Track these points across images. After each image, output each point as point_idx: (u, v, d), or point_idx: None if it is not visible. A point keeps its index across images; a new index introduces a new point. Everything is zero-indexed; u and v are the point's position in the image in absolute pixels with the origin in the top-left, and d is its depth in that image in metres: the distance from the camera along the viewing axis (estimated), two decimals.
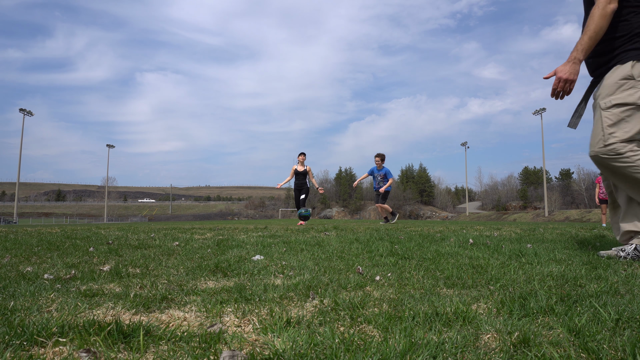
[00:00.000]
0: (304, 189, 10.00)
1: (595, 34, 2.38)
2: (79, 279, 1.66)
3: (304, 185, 10.01)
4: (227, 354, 0.81)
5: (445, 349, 0.86)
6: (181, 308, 1.22)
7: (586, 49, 2.39)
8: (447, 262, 2.09)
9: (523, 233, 4.59)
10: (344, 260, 2.20)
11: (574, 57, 2.41)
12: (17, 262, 2.18)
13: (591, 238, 3.80)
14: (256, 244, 3.11)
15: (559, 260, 2.16)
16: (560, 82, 2.41)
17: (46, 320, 1.01)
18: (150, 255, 2.49)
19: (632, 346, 0.84)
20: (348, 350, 0.84)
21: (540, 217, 52.26)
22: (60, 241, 3.44)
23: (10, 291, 1.41)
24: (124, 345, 0.90)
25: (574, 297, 1.29)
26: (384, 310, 1.15)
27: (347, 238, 3.66)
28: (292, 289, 1.45)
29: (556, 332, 0.98)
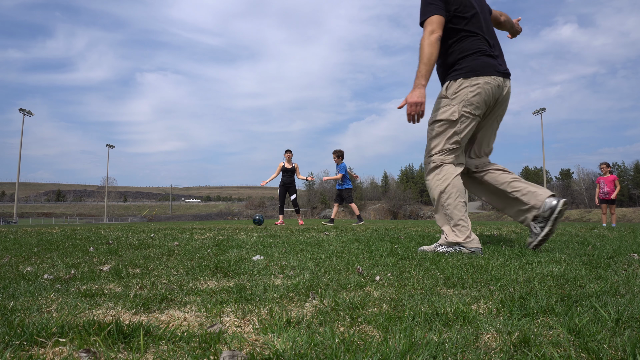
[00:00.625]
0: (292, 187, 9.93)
1: (427, 61, 2.64)
2: (79, 279, 1.66)
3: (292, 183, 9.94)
4: (227, 354, 0.81)
5: (445, 349, 0.86)
6: (181, 308, 1.22)
7: (424, 75, 2.65)
8: (447, 262, 2.09)
9: (523, 233, 4.59)
10: (344, 260, 2.20)
11: (417, 84, 2.65)
12: (16, 262, 2.18)
13: (591, 238, 3.80)
14: (256, 244, 3.11)
15: (559, 260, 2.16)
16: (412, 106, 2.64)
17: (46, 321, 1.01)
18: (150, 255, 2.49)
19: (632, 346, 0.84)
20: (348, 350, 0.84)
21: None
22: (60, 241, 3.44)
23: (10, 291, 1.41)
24: (124, 345, 0.90)
25: (574, 297, 1.29)
26: (384, 310, 1.15)
27: (347, 238, 3.66)
28: (292, 289, 1.45)
29: (556, 332, 0.98)
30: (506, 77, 2.77)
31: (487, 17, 2.89)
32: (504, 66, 2.81)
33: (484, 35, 2.76)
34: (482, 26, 2.78)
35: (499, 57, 2.80)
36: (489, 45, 2.76)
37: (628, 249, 2.71)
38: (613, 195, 9.71)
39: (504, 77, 2.74)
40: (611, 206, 9.77)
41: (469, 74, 2.67)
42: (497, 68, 2.71)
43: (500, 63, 2.77)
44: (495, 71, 2.69)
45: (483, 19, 2.80)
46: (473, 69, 2.67)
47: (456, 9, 2.72)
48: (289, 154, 9.90)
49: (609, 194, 9.74)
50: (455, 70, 2.72)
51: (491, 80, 2.66)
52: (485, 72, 2.66)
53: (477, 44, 2.73)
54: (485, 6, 2.93)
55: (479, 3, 2.86)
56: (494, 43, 2.83)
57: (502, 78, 2.73)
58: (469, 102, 2.64)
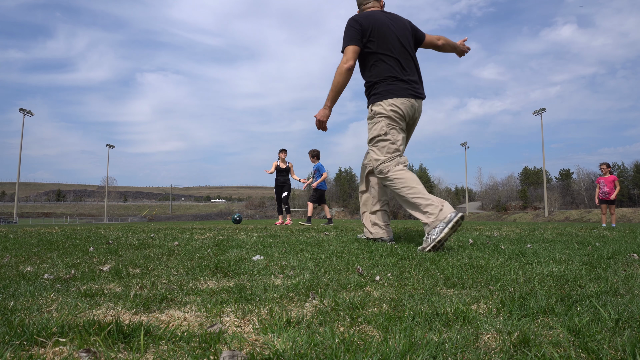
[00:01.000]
0: (286, 185, 9.96)
1: (336, 88, 3.10)
2: (79, 279, 1.66)
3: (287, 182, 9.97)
4: (227, 354, 0.81)
5: (445, 349, 0.86)
6: (181, 308, 1.22)
7: (332, 99, 3.14)
8: (447, 262, 2.09)
9: (523, 233, 4.59)
10: (344, 260, 2.20)
11: (325, 105, 3.17)
12: (17, 262, 2.18)
13: (591, 238, 3.80)
14: (256, 244, 3.11)
15: (559, 260, 2.16)
16: (317, 121, 3.19)
17: (46, 320, 1.01)
18: (150, 255, 2.49)
19: (632, 346, 0.84)
20: (348, 350, 0.84)
21: (540, 217, 52.24)
22: (60, 241, 3.44)
23: (10, 291, 1.41)
24: (124, 345, 0.90)
25: (574, 297, 1.29)
26: (384, 310, 1.15)
27: (347, 238, 3.66)
28: (292, 289, 1.45)
29: (556, 332, 0.98)
30: (417, 98, 3.15)
31: (407, 42, 3.20)
32: (417, 89, 3.17)
33: (398, 60, 3.10)
34: (397, 52, 3.11)
35: (412, 81, 3.14)
36: (402, 70, 3.11)
37: (628, 249, 2.71)
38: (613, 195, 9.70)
39: (416, 98, 3.12)
40: (611, 206, 9.76)
41: (385, 96, 3.06)
42: (409, 91, 3.09)
43: (412, 86, 3.12)
44: (408, 94, 3.08)
45: (400, 46, 3.14)
46: (389, 92, 3.06)
47: (372, 36, 3.06)
48: (283, 153, 9.85)
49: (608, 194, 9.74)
50: (374, 95, 3.12)
51: (405, 101, 3.05)
52: (400, 94, 3.05)
53: (389, 68, 3.08)
54: (404, 31, 3.24)
55: (398, 30, 3.18)
56: (409, 67, 3.17)
57: (414, 99, 3.11)
58: (391, 118, 3.05)
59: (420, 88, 3.20)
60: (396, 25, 3.18)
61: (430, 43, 3.48)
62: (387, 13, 3.27)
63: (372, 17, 3.12)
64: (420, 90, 3.19)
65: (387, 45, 3.08)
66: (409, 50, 3.19)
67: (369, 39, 3.05)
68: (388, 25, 3.13)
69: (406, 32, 3.22)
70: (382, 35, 3.07)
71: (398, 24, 3.21)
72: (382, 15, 3.20)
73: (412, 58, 3.23)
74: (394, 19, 3.23)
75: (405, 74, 3.10)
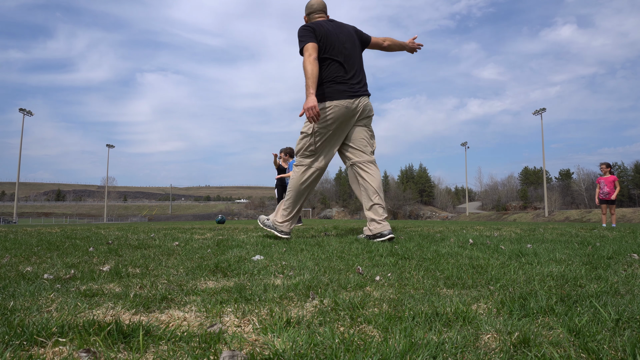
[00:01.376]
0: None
1: (311, 75, 3.29)
2: (79, 279, 1.66)
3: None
4: (227, 354, 0.81)
5: (445, 349, 0.86)
6: (181, 308, 1.22)
7: (311, 86, 3.28)
8: (447, 262, 2.09)
9: (523, 233, 4.59)
10: (344, 260, 2.20)
11: (308, 94, 3.28)
12: (16, 262, 2.18)
13: (591, 238, 3.80)
14: (256, 244, 3.11)
15: (559, 260, 2.16)
16: (308, 110, 3.23)
17: (46, 320, 1.01)
18: (150, 255, 2.49)
19: (632, 346, 0.84)
20: (348, 350, 0.84)
21: (540, 217, 52.24)
22: (60, 241, 3.44)
23: (10, 291, 1.41)
24: (124, 345, 0.90)
25: (574, 298, 1.29)
26: (384, 311, 1.15)
27: (347, 238, 3.66)
28: (292, 289, 1.45)
29: (556, 332, 0.98)
30: (358, 97, 3.47)
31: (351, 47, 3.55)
32: (357, 88, 3.49)
33: (342, 64, 3.45)
34: (341, 54, 3.45)
35: (353, 82, 3.47)
36: (344, 72, 3.44)
37: (628, 249, 2.71)
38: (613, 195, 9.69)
39: (355, 97, 3.45)
40: (611, 206, 9.75)
41: (324, 98, 3.39)
42: (347, 92, 3.42)
43: (352, 87, 3.46)
44: (345, 95, 3.41)
45: (344, 50, 3.48)
46: (326, 95, 3.39)
47: (322, 42, 3.41)
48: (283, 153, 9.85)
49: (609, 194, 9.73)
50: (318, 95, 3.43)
51: (339, 103, 3.39)
52: (336, 97, 3.39)
53: (332, 73, 3.42)
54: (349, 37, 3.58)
55: (343, 37, 3.53)
56: (353, 69, 3.50)
57: (352, 99, 3.44)
58: (322, 120, 3.38)
59: (362, 88, 3.54)
60: (342, 32, 3.55)
61: (376, 44, 3.82)
62: (333, 22, 3.64)
63: (321, 25, 3.49)
64: (361, 90, 3.52)
65: (333, 50, 3.44)
66: (353, 53, 3.55)
67: (319, 43, 3.41)
68: (334, 32, 3.51)
69: (351, 38, 3.58)
70: (329, 42, 3.43)
71: (343, 30, 3.58)
72: (329, 23, 3.57)
73: (358, 60, 3.59)
74: (339, 26, 3.60)
75: (348, 76, 3.46)
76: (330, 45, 3.42)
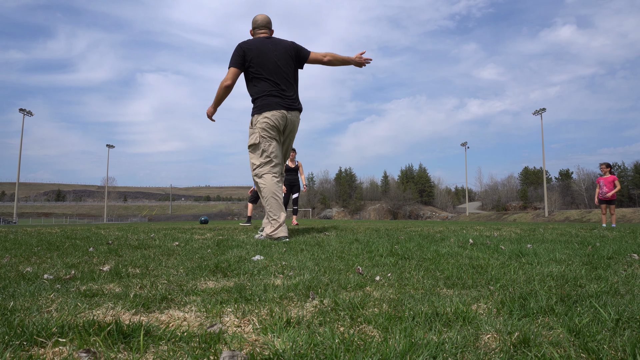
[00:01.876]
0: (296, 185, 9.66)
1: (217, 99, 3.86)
2: (79, 279, 1.66)
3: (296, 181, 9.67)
4: (227, 354, 0.81)
5: (445, 349, 0.86)
6: (181, 308, 1.22)
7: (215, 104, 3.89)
8: (447, 262, 2.09)
9: (523, 233, 4.59)
10: (344, 260, 2.20)
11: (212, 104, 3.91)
12: (16, 262, 2.18)
13: (591, 238, 3.80)
14: (256, 244, 3.11)
15: (559, 261, 2.16)
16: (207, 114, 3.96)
17: (46, 321, 1.01)
18: (150, 255, 2.49)
19: (632, 346, 0.84)
20: (348, 350, 0.84)
21: (540, 217, 52.25)
22: (60, 241, 3.44)
23: (10, 291, 1.41)
24: (124, 346, 0.90)
25: (574, 298, 1.29)
26: (384, 311, 1.15)
27: (347, 238, 3.66)
28: (292, 289, 1.45)
29: (556, 332, 0.98)
30: (290, 110, 3.79)
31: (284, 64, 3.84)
32: (290, 102, 3.81)
33: (274, 79, 3.77)
34: (272, 72, 3.77)
35: (286, 96, 3.80)
36: (277, 86, 3.76)
37: (628, 249, 2.71)
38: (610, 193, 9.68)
39: (287, 110, 3.77)
40: (611, 206, 9.75)
41: (261, 110, 3.74)
42: (280, 104, 3.74)
43: (285, 100, 3.78)
44: (279, 106, 3.73)
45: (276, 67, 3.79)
46: (263, 106, 3.73)
47: (252, 61, 3.74)
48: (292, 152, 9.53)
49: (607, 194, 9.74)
50: (254, 108, 3.81)
51: (275, 113, 3.72)
52: (271, 108, 3.71)
53: (266, 87, 3.75)
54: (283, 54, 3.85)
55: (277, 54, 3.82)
56: (285, 84, 3.81)
57: (286, 111, 3.76)
58: (264, 129, 3.71)
59: (294, 102, 3.85)
60: (276, 50, 3.83)
61: (316, 60, 4.03)
62: (272, 39, 3.92)
63: (254, 44, 3.81)
64: (294, 104, 3.84)
65: (265, 67, 3.76)
66: (285, 70, 3.83)
67: (250, 63, 3.75)
68: (268, 50, 3.81)
69: (285, 55, 3.86)
70: (261, 59, 3.76)
71: (278, 48, 3.86)
72: (265, 41, 3.86)
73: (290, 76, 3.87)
74: (276, 43, 3.88)
75: (280, 90, 3.77)
76: (261, 64, 3.76)
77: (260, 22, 4.00)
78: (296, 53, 3.92)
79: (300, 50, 3.95)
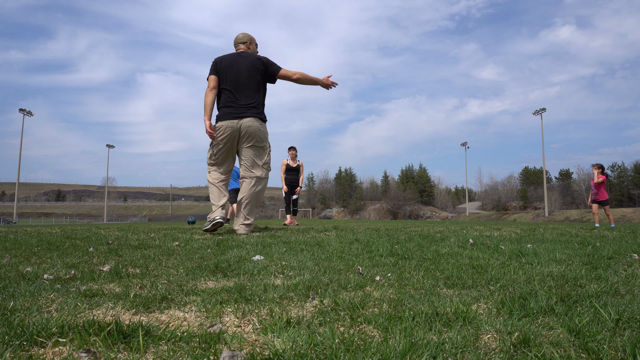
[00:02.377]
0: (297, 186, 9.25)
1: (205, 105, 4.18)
2: (79, 279, 1.66)
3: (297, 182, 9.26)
4: (227, 354, 0.81)
5: (445, 349, 0.86)
6: (181, 308, 1.22)
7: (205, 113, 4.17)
8: (447, 262, 2.09)
9: (523, 233, 4.59)
10: (344, 260, 2.20)
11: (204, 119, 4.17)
12: (16, 262, 2.18)
13: (591, 238, 3.80)
14: (256, 244, 3.11)
15: (559, 260, 2.16)
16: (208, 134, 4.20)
17: (46, 321, 1.01)
18: (150, 255, 2.49)
19: (632, 346, 0.84)
20: (348, 350, 0.84)
21: (540, 217, 52.24)
22: (60, 241, 3.44)
23: (10, 291, 1.41)
24: (124, 346, 0.90)
25: (574, 298, 1.29)
26: (384, 311, 1.15)
27: (347, 238, 3.66)
28: (292, 289, 1.45)
29: (556, 332, 0.98)
30: (241, 118, 4.15)
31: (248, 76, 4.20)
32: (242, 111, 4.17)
33: (232, 90, 4.18)
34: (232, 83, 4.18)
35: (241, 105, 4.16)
36: (232, 97, 4.17)
37: (628, 249, 2.71)
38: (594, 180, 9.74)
39: (238, 118, 4.14)
40: (605, 207, 9.76)
41: (217, 120, 4.23)
42: (231, 114, 4.15)
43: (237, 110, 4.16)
44: (230, 116, 4.15)
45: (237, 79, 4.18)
46: (219, 117, 4.23)
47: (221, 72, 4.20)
48: (293, 151, 9.19)
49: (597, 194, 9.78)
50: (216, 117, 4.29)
51: (226, 123, 4.16)
52: (223, 118, 4.18)
53: (224, 98, 4.21)
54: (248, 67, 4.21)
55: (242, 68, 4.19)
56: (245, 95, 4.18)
57: (236, 119, 4.14)
58: (217, 136, 4.21)
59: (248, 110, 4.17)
60: (242, 64, 4.21)
61: (285, 76, 4.34)
62: (242, 53, 4.33)
63: (225, 58, 4.24)
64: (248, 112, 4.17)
65: (228, 79, 4.18)
66: (247, 81, 4.19)
67: (220, 73, 4.20)
68: (235, 63, 4.21)
69: (251, 67, 4.21)
70: (227, 71, 4.18)
71: (245, 61, 4.23)
72: (236, 55, 4.28)
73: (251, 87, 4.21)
74: (244, 57, 4.26)
75: (233, 100, 4.17)
76: (225, 76, 4.19)
77: (238, 40, 4.48)
78: (265, 67, 4.28)
79: (270, 65, 4.30)
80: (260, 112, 4.27)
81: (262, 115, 4.30)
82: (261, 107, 4.30)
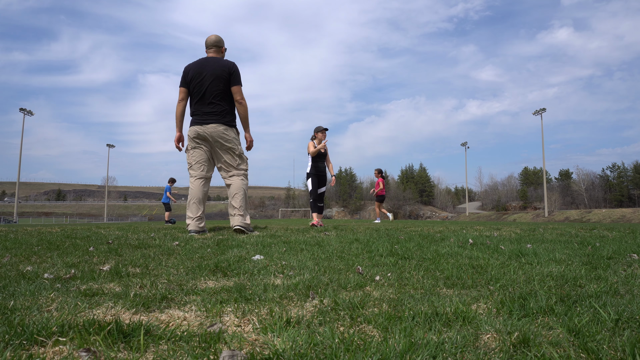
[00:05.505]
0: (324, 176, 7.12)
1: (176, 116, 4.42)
2: (79, 279, 1.66)
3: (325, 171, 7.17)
4: (227, 353, 0.81)
5: (445, 349, 0.86)
6: (181, 308, 1.22)
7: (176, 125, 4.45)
8: (447, 262, 2.09)
9: (523, 233, 4.59)
10: (344, 260, 2.20)
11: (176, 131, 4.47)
12: (17, 262, 2.18)
13: (591, 238, 3.80)
14: (256, 244, 3.11)
15: (559, 261, 2.16)
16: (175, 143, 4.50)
17: (46, 320, 1.01)
18: (150, 255, 2.49)
19: (632, 346, 0.84)
20: (348, 350, 0.85)
21: (540, 217, 52.22)
22: (60, 241, 3.44)
23: (10, 290, 1.41)
24: (124, 345, 0.90)
25: (573, 298, 1.29)
26: (383, 310, 1.15)
27: (347, 238, 3.66)
28: (292, 289, 1.45)
29: (556, 332, 0.98)
30: (204, 124, 4.28)
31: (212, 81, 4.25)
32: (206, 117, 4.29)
33: (198, 97, 4.30)
34: (199, 90, 4.28)
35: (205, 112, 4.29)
36: (198, 104, 4.32)
37: (628, 249, 2.71)
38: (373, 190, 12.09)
39: (201, 125, 4.28)
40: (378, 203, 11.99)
41: (190, 125, 4.41)
42: (196, 121, 4.31)
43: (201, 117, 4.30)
44: (195, 123, 4.31)
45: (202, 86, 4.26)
46: (191, 123, 4.40)
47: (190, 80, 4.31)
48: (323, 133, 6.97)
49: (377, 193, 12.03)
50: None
51: (194, 128, 4.32)
52: (192, 124, 4.37)
53: (193, 105, 4.36)
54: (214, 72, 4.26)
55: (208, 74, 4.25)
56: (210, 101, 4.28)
57: (199, 126, 4.28)
58: (189, 141, 4.40)
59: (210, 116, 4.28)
60: (208, 69, 4.27)
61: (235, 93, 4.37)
62: (210, 58, 4.38)
63: (193, 65, 4.34)
64: (210, 118, 4.28)
65: (196, 86, 4.29)
66: (211, 88, 4.25)
67: (189, 82, 4.32)
68: (203, 69, 4.28)
69: (216, 73, 4.26)
70: (195, 79, 4.29)
71: (211, 67, 4.29)
72: (204, 61, 4.35)
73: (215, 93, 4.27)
74: (212, 62, 4.32)
75: (198, 108, 4.31)
76: (194, 84, 4.30)
77: (208, 43, 4.53)
78: (228, 75, 4.32)
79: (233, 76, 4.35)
80: (224, 117, 4.36)
81: (227, 119, 4.37)
82: (225, 113, 4.37)
